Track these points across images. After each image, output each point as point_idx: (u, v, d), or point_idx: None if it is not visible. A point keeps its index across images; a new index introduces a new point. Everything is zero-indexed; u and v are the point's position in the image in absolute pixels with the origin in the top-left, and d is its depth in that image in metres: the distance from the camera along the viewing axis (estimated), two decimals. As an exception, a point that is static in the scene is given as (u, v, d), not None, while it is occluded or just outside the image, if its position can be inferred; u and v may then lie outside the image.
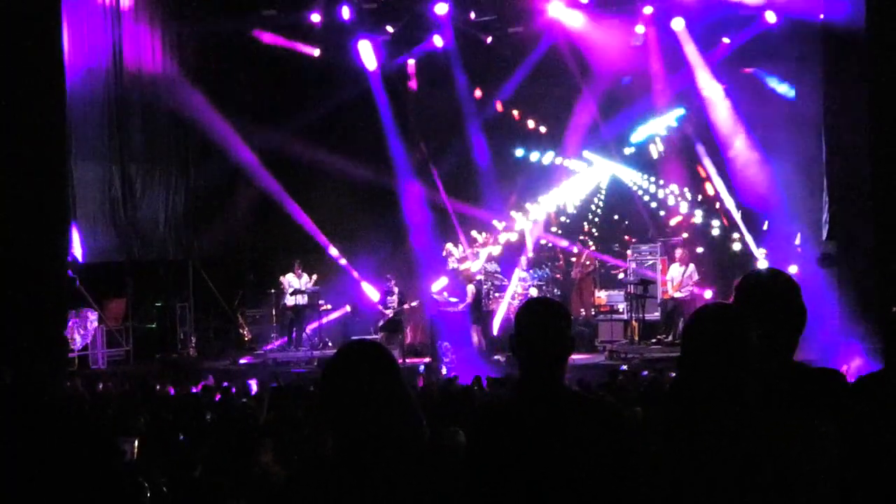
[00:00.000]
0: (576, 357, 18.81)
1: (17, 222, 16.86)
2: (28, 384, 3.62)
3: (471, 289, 22.29)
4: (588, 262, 25.27)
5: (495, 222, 26.31)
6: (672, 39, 24.20)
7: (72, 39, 21.11)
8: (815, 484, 3.63)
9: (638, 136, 26.26)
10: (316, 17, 24.55)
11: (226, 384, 17.43)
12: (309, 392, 15.02)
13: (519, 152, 27.22)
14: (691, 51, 24.07)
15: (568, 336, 4.48)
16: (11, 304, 13.57)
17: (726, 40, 23.87)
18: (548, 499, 4.16)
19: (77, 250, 21.57)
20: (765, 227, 23.21)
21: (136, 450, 8.72)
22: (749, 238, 23.74)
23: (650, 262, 24.31)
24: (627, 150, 26.48)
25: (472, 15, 24.87)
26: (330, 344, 24.32)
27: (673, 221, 25.55)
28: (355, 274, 25.99)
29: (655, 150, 26.44)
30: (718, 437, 3.73)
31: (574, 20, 24.47)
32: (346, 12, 24.52)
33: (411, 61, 27.17)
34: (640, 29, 24.23)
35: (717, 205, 24.85)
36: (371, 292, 25.26)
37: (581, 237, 26.04)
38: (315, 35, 25.52)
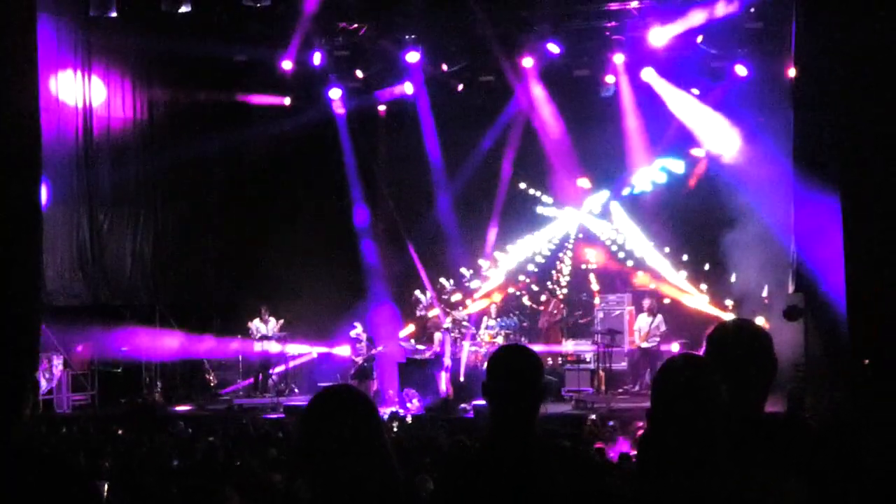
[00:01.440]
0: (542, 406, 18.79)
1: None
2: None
3: (438, 336, 22.25)
4: (555, 311, 25.29)
5: (463, 270, 26.32)
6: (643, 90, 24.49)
7: (44, 82, 21.05)
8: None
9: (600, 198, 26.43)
10: (287, 65, 24.61)
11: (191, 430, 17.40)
12: (277, 438, 14.98)
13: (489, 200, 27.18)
14: (670, 97, 24.33)
15: (540, 384, 4.48)
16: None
17: (696, 91, 24.13)
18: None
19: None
20: (733, 280, 23.29)
21: (105, 493, 8.67)
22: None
23: (618, 313, 24.33)
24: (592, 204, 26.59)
25: (444, 67, 25.02)
26: (296, 390, 24.23)
27: (639, 279, 25.62)
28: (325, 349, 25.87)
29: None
30: (688, 489, 3.74)
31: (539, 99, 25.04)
32: (317, 58, 24.62)
33: (382, 107, 27.30)
34: (610, 79, 24.46)
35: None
36: (342, 350, 25.02)
37: (549, 286, 26.05)
38: (286, 83, 25.60)
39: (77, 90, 23.36)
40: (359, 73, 25.53)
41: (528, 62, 24.47)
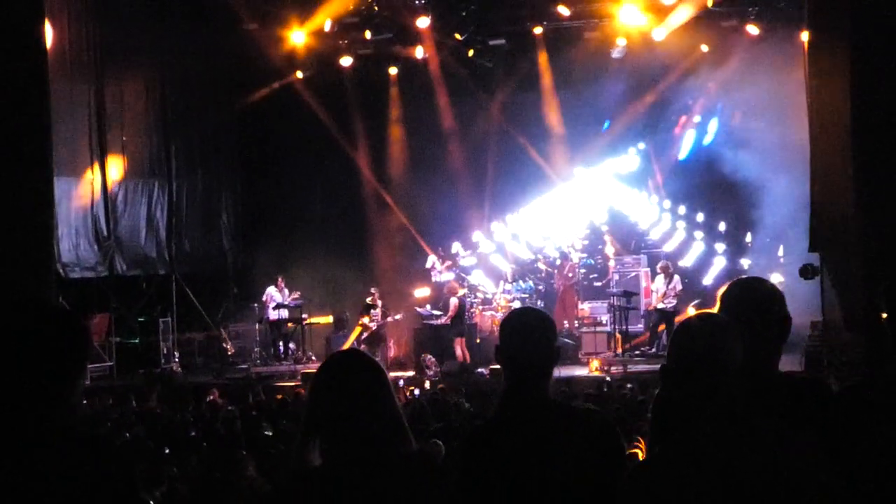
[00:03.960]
0: (559, 369, 18.83)
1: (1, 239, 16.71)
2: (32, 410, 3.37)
3: (454, 301, 22.24)
4: (571, 274, 25.23)
5: (476, 234, 26.29)
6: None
7: (55, 47, 21.00)
8: (802, 495, 3.62)
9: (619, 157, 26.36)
10: (298, 31, 24.50)
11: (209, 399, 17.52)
12: (293, 404, 15.00)
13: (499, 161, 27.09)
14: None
15: (553, 346, 4.46)
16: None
17: (704, 48, 23.98)
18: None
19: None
20: (748, 240, 23.23)
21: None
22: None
23: (633, 274, 24.27)
24: (607, 165, 26.51)
25: (455, 32, 24.90)
26: (313, 357, 24.25)
27: (653, 234, 25.60)
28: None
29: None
30: (704, 448, 3.72)
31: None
32: (327, 25, 24.52)
33: (392, 73, 27.24)
34: (620, 41, 24.29)
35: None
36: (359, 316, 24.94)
37: (565, 248, 25.99)
38: (297, 50, 25.48)
39: (90, 62, 23.30)
40: (369, 38, 25.43)
41: (537, 27, 24.41)
